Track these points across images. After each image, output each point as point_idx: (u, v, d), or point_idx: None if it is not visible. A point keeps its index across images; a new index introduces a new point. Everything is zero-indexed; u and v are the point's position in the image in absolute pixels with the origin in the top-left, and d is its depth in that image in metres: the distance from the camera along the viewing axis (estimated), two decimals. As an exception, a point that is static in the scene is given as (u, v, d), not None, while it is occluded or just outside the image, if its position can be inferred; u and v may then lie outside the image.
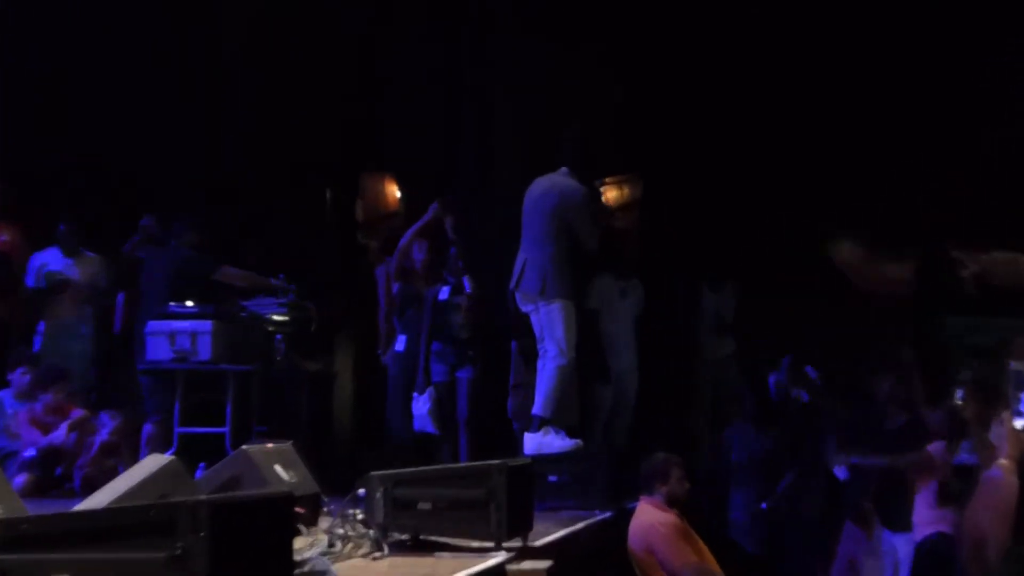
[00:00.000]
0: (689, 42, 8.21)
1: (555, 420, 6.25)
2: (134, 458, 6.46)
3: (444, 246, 7.49)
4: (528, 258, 6.34)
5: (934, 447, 6.19)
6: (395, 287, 7.54)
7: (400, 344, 7.55)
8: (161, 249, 7.51)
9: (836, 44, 8.04)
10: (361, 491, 4.41)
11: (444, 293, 7.36)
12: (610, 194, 7.29)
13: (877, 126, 8.00)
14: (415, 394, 7.32)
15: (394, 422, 7.58)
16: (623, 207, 7.73)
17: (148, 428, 7.00)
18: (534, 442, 6.24)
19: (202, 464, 5.77)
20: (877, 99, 8.03)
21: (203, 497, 2.67)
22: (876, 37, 8.01)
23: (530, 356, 6.60)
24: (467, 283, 7.30)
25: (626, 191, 7.64)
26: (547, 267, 6.25)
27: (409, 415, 7.38)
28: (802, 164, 8.08)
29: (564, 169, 6.42)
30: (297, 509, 3.77)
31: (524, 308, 6.39)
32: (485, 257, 7.43)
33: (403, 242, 7.50)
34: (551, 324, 6.24)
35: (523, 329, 6.62)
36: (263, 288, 7.28)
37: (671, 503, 5.63)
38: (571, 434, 6.32)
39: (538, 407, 6.27)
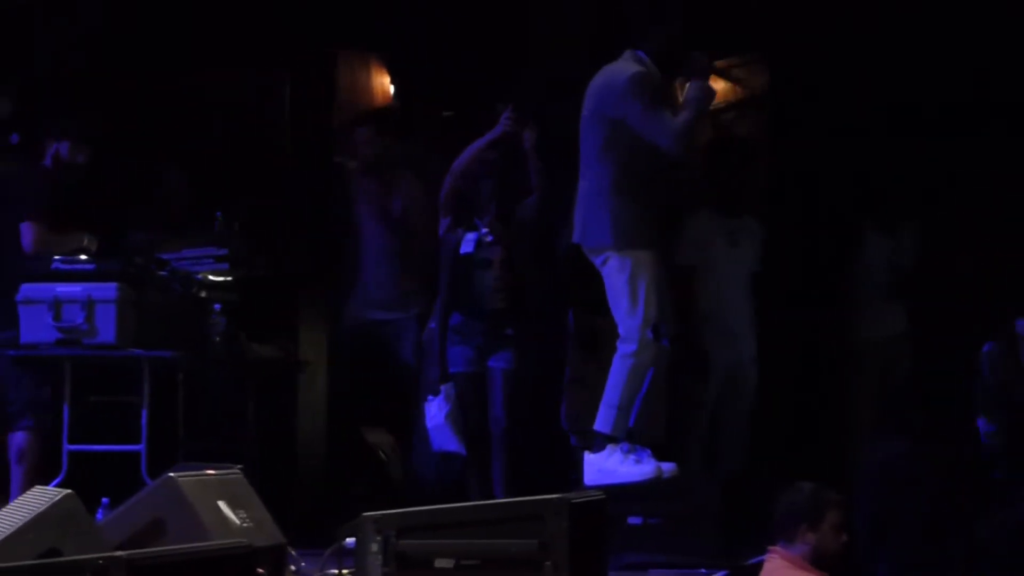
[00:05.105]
0: None
1: (628, 435, 6.28)
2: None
3: (519, 173, 7.53)
4: (580, 190, 6.46)
5: None
6: (443, 225, 7.62)
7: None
8: (25, 167, 7.35)
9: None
10: (349, 541, 4.44)
11: (469, 243, 7.45)
12: (718, 86, 7.17)
13: None
14: (428, 396, 7.40)
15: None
16: (736, 106, 7.80)
17: (19, 439, 6.99)
18: (594, 468, 6.32)
19: (105, 499, 5.83)
20: None
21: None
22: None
23: (592, 336, 6.66)
24: (484, 229, 7.36)
25: (743, 82, 7.73)
26: (600, 200, 6.33)
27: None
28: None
29: (628, 52, 6.39)
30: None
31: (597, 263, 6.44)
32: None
33: (462, 160, 7.56)
34: (614, 291, 6.31)
35: (584, 295, 6.67)
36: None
37: (818, 561, 5.44)
38: (659, 455, 6.33)
39: (600, 419, 6.30)
